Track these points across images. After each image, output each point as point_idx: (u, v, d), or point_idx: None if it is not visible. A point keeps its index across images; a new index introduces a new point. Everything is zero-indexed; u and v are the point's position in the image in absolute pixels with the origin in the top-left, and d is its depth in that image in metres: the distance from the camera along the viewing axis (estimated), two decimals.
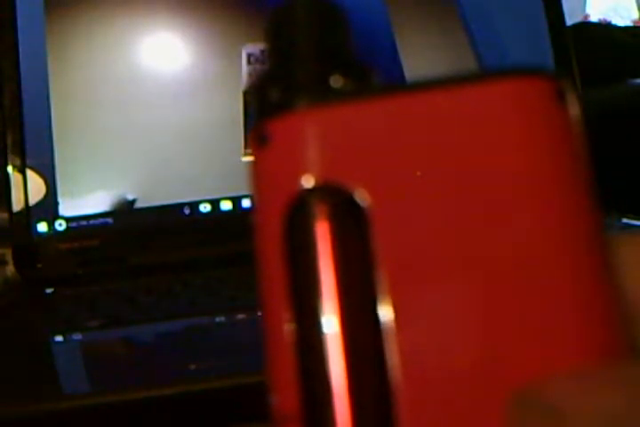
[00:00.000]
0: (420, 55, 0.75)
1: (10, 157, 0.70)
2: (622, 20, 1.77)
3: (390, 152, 0.17)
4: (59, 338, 0.57)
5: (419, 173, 0.17)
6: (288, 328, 0.17)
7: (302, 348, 0.17)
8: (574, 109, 0.18)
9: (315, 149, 0.17)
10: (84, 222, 0.70)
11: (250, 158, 0.18)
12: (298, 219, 0.17)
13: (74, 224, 0.70)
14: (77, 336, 0.57)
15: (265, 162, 0.18)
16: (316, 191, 0.17)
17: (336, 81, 0.18)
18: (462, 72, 0.17)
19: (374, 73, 0.18)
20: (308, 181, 0.17)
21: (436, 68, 0.76)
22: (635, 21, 1.77)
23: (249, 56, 0.73)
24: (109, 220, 0.70)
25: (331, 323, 0.16)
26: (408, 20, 0.76)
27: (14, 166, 0.70)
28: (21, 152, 0.70)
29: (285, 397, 0.17)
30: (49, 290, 0.67)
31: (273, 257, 0.17)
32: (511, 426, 0.16)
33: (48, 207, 0.70)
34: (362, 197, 0.17)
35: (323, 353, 0.16)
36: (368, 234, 0.17)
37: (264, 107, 0.18)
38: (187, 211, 0.71)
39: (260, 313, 0.18)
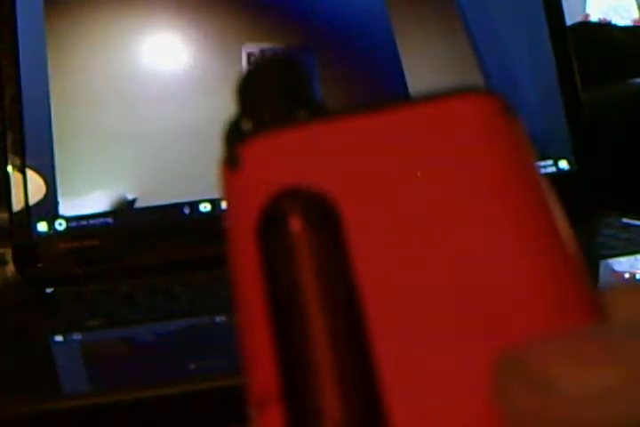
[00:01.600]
0: (420, 55, 0.75)
1: (10, 157, 0.70)
2: (622, 20, 1.77)
3: (353, 164, 0.18)
4: (59, 338, 0.57)
5: (386, 182, 0.18)
6: (263, 304, 0.17)
7: (279, 324, 0.17)
8: (520, 123, 0.19)
9: (284, 162, 0.18)
10: (83, 222, 0.70)
11: (221, 183, 0.19)
12: (272, 224, 0.18)
13: (74, 224, 0.70)
14: (77, 336, 0.57)
15: (236, 182, 0.19)
16: (288, 196, 0.18)
17: (301, 113, 0.20)
18: (415, 95, 0.19)
19: (331, 109, 0.20)
20: (279, 189, 0.18)
21: (436, 68, 0.76)
22: (635, 21, 1.77)
23: (249, 56, 0.73)
24: (109, 220, 0.70)
25: (311, 321, 0.17)
26: (408, 21, 0.76)
27: (14, 166, 0.70)
28: (21, 152, 0.70)
29: (263, 376, 0.17)
30: (49, 290, 0.67)
31: (249, 271, 0.18)
32: (497, 393, 0.16)
33: (48, 207, 0.70)
34: (333, 202, 0.18)
35: (301, 326, 0.17)
36: (343, 237, 0.17)
37: (235, 135, 0.20)
38: (187, 211, 0.71)
39: (235, 311, 0.18)
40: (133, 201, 0.71)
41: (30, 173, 0.70)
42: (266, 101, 0.20)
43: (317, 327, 0.17)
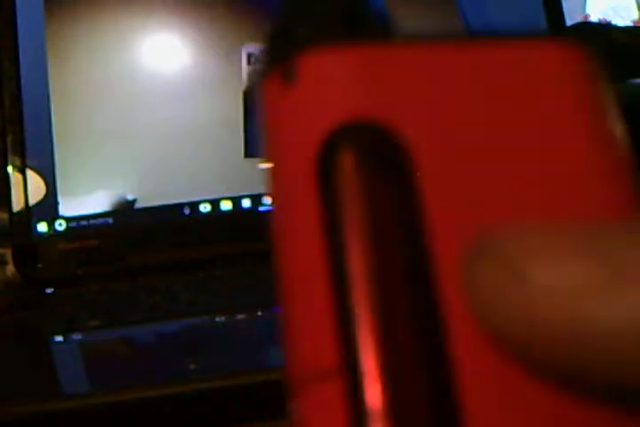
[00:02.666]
0: None
1: (10, 157, 0.70)
2: (622, 20, 1.77)
3: (430, 98, 0.16)
4: (59, 338, 0.57)
5: (459, 116, 0.16)
6: (322, 264, 0.15)
7: (338, 291, 0.15)
8: (605, 73, 0.18)
9: (348, 85, 0.16)
10: (84, 222, 0.70)
11: (265, 99, 0.16)
12: (332, 160, 0.15)
13: (74, 224, 0.70)
14: (77, 336, 0.57)
15: (294, 103, 0.16)
16: (351, 127, 0.15)
17: (365, 23, 0.17)
18: (505, 32, 0.17)
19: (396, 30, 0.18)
20: (341, 116, 0.16)
21: None
22: (635, 21, 1.77)
23: (249, 56, 0.73)
24: (109, 220, 0.70)
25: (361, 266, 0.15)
26: (407, 20, 0.76)
27: (14, 166, 0.70)
28: (21, 152, 0.70)
29: (320, 348, 0.14)
30: (49, 290, 0.67)
31: (304, 205, 0.15)
32: (464, 274, 0.14)
33: (48, 207, 0.70)
34: (401, 136, 0.16)
35: (361, 294, 0.14)
36: (409, 174, 0.15)
37: (286, 45, 0.16)
38: (187, 211, 0.71)
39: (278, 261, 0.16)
40: (133, 201, 0.71)
41: (30, 173, 0.70)
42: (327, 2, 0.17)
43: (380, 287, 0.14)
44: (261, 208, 0.70)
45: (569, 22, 0.79)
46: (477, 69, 0.16)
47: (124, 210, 0.71)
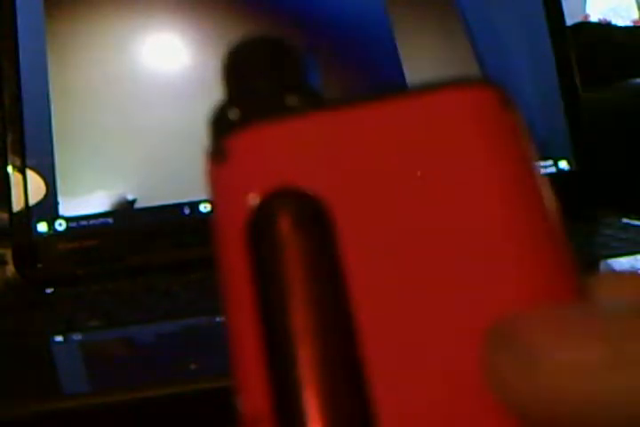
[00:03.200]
0: (420, 55, 0.75)
1: (10, 157, 0.70)
2: (622, 20, 1.77)
3: (347, 159, 0.17)
4: (59, 338, 0.57)
5: (378, 179, 0.17)
6: (255, 328, 0.17)
7: (270, 345, 0.16)
8: (519, 115, 0.18)
9: (275, 159, 0.18)
10: (84, 222, 0.70)
11: (207, 176, 0.18)
12: (261, 227, 0.17)
13: (74, 224, 0.70)
14: (77, 336, 0.57)
15: (224, 178, 0.18)
16: (279, 197, 0.17)
17: (291, 101, 0.19)
18: (412, 86, 0.18)
19: (323, 96, 0.19)
20: (269, 189, 0.17)
21: (436, 68, 0.76)
22: (635, 21, 1.77)
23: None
24: (109, 220, 0.70)
25: (299, 319, 0.16)
26: (408, 21, 0.76)
27: (14, 166, 0.70)
28: (21, 152, 0.70)
29: (254, 396, 0.17)
30: (49, 290, 0.67)
31: (238, 272, 0.17)
32: (485, 367, 0.16)
33: (48, 207, 0.70)
34: (324, 202, 0.17)
35: (292, 350, 0.16)
36: (335, 241, 0.17)
37: (222, 127, 0.19)
38: (187, 211, 0.71)
39: (224, 316, 0.18)
40: (133, 201, 0.71)
41: (30, 173, 0.70)
42: (255, 85, 0.19)
43: (306, 336, 0.16)
44: None
45: (569, 22, 0.79)
46: (391, 129, 0.18)
47: (124, 210, 0.71)
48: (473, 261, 0.17)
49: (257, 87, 0.19)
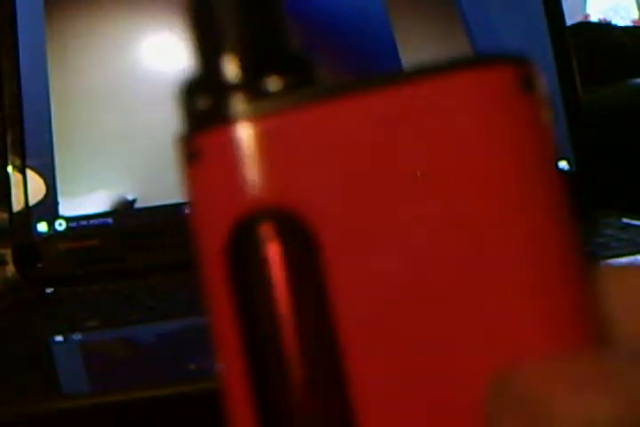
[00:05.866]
0: (420, 55, 0.75)
1: (10, 157, 0.70)
2: (622, 20, 1.77)
3: (341, 163, 0.15)
4: (59, 338, 0.57)
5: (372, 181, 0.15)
6: (241, 364, 0.16)
7: (257, 378, 0.15)
8: (542, 94, 0.16)
9: (255, 166, 0.15)
10: (84, 222, 0.70)
11: (181, 173, 0.16)
12: (242, 245, 0.15)
13: (74, 224, 0.70)
14: (77, 336, 0.57)
15: (198, 182, 0.16)
16: (261, 215, 0.15)
17: (274, 83, 0.15)
18: (416, 66, 0.15)
19: (316, 66, 0.16)
20: (249, 204, 0.15)
21: None
22: (635, 21, 1.77)
23: None
24: (109, 220, 0.70)
25: (285, 347, 0.15)
26: (408, 21, 0.76)
27: (14, 166, 0.70)
28: (21, 152, 0.70)
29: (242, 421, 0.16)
30: (49, 290, 0.67)
31: (219, 292, 0.16)
32: (487, 416, 0.15)
33: (48, 207, 0.70)
34: (310, 217, 0.15)
35: (280, 383, 0.15)
36: (319, 256, 0.15)
37: (191, 116, 0.16)
38: (187, 211, 0.71)
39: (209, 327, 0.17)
40: (133, 201, 0.71)
41: (30, 173, 0.70)
42: (229, 58, 0.16)
43: (295, 365, 0.15)
44: None
45: (569, 22, 0.79)
46: (391, 123, 0.15)
47: (124, 210, 0.71)
48: (476, 290, 0.15)
49: (230, 54, 0.16)
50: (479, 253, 0.15)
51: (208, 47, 0.16)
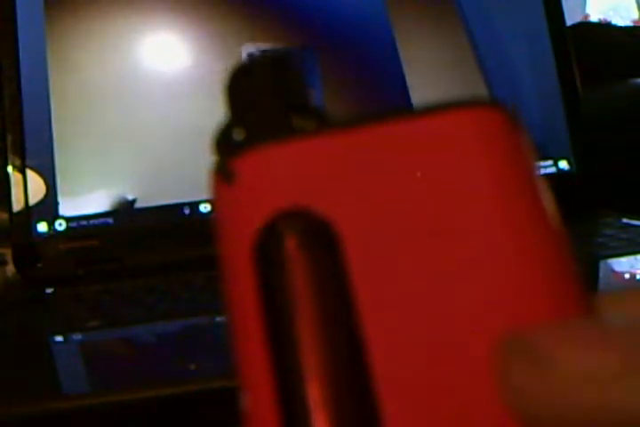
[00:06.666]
0: (420, 55, 0.75)
1: (10, 157, 0.70)
2: (622, 20, 1.77)
3: (351, 180, 0.18)
4: (59, 338, 0.57)
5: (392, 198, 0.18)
6: (264, 360, 0.17)
7: (280, 377, 0.17)
8: (526, 135, 0.18)
9: (281, 180, 0.18)
10: (84, 222, 0.70)
11: (214, 196, 0.19)
12: (270, 246, 0.17)
13: (74, 224, 0.70)
14: (77, 336, 0.57)
15: (233, 199, 0.18)
16: (286, 218, 0.17)
17: (296, 121, 0.19)
18: (417, 107, 0.19)
19: (329, 115, 0.19)
20: (276, 209, 0.17)
21: (436, 69, 0.76)
22: (635, 21, 1.77)
23: (249, 56, 0.73)
24: (109, 220, 0.70)
25: (308, 352, 0.17)
26: (408, 21, 0.76)
27: (14, 166, 0.70)
28: (21, 152, 0.70)
29: (261, 406, 0.17)
30: (49, 290, 0.67)
31: (245, 295, 0.17)
32: (497, 373, 0.16)
33: (48, 207, 0.70)
34: (334, 224, 0.17)
35: (300, 375, 0.16)
36: (342, 261, 0.17)
37: (227, 148, 0.19)
38: (187, 211, 0.71)
39: (233, 344, 0.18)
40: (133, 201, 0.71)
41: (30, 173, 0.70)
42: (259, 105, 0.19)
43: (314, 356, 0.16)
44: None
45: (569, 22, 0.79)
46: (396, 150, 0.18)
47: (124, 210, 0.71)
48: (482, 278, 0.17)
49: (261, 106, 0.19)
50: (482, 246, 0.17)
51: (244, 102, 0.19)
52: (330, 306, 0.17)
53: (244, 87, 0.20)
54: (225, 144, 0.19)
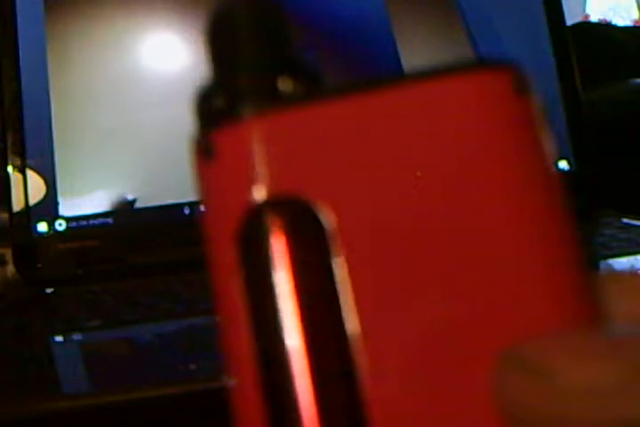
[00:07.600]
0: (420, 55, 0.75)
1: (10, 157, 0.70)
2: (622, 20, 1.77)
3: (347, 158, 0.16)
4: (59, 338, 0.57)
5: (379, 177, 0.16)
6: (249, 347, 0.16)
7: (265, 365, 0.16)
8: (536, 99, 0.17)
9: (266, 159, 0.16)
10: (83, 222, 0.70)
11: (194, 173, 0.17)
12: (252, 235, 0.16)
13: (74, 224, 0.70)
14: (77, 336, 0.57)
15: (212, 177, 0.17)
16: (271, 204, 0.16)
17: (284, 85, 0.17)
18: (416, 69, 0.16)
19: (322, 74, 0.17)
20: (261, 194, 0.16)
21: None
22: (635, 21, 1.77)
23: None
24: (109, 220, 0.70)
25: (293, 338, 0.16)
26: (408, 21, 0.76)
27: (14, 166, 0.70)
28: (21, 152, 0.70)
29: (251, 417, 0.16)
30: (49, 290, 0.67)
31: (228, 279, 0.16)
32: (495, 386, 0.16)
33: (48, 207, 0.70)
34: (321, 208, 0.16)
35: (287, 370, 0.15)
36: (329, 248, 0.16)
37: (208, 116, 0.17)
38: (187, 211, 0.71)
39: (218, 331, 0.17)
40: (133, 201, 0.71)
41: (30, 173, 0.70)
42: (243, 65, 0.17)
43: (300, 350, 0.15)
44: None
45: (569, 22, 0.79)
46: (393, 121, 0.16)
47: (124, 210, 0.71)
48: (481, 272, 0.16)
49: (244, 66, 0.17)
50: (484, 232, 0.16)
51: (225, 57, 0.17)
52: (316, 296, 0.16)
53: (225, 38, 0.17)
54: (205, 111, 0.17)
